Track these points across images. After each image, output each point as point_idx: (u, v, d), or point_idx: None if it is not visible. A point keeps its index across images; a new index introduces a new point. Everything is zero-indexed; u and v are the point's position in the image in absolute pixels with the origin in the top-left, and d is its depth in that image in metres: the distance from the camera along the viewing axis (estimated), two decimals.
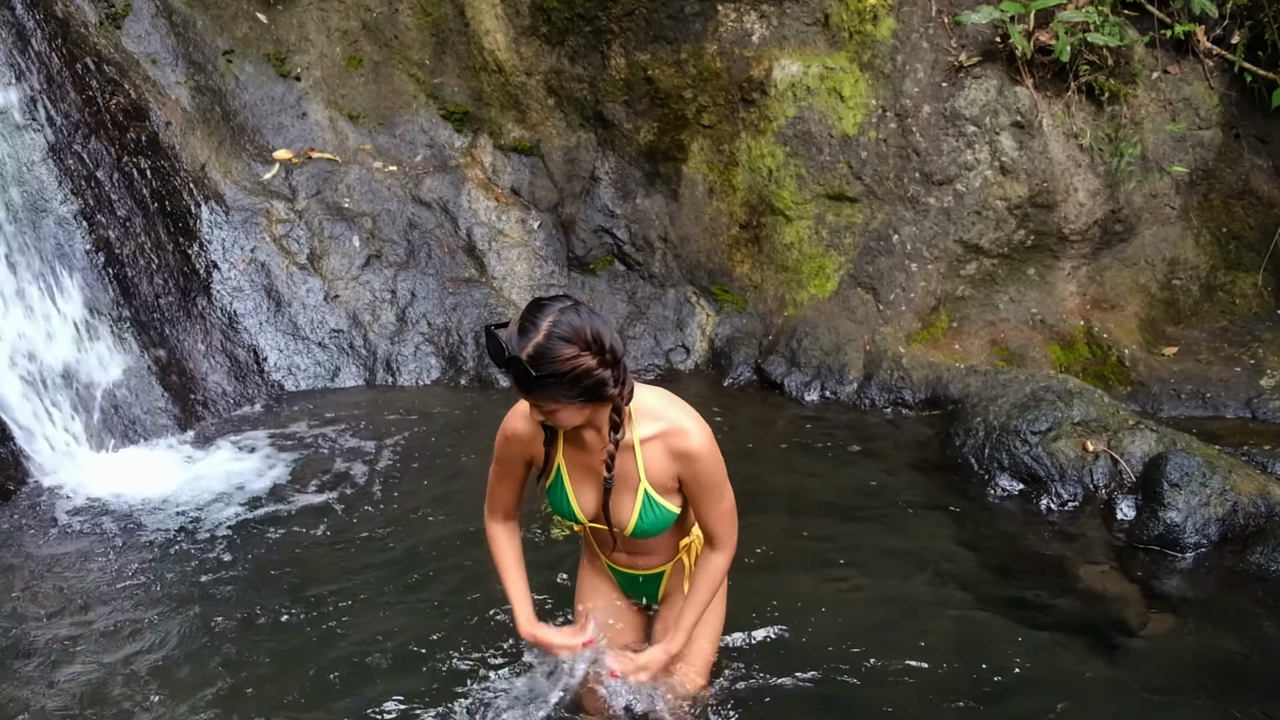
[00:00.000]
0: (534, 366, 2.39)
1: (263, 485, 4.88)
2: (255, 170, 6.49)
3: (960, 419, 5.10)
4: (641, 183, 6.60)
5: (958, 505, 4.66)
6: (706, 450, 2.65)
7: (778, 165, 6.27)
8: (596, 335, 2.43)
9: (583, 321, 2.42)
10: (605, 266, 6.63)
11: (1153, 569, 4.19)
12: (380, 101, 6.87)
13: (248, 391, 5.90)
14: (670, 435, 2.64)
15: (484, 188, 6.78)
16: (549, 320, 2.40)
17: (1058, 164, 6.04)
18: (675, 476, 2.68)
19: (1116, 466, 4.62)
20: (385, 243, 6.51)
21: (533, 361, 2.39)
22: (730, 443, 5.37)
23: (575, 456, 2.71)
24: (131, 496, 4.74)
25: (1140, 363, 5.84)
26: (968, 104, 6.04)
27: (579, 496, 2.74)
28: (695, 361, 6.36)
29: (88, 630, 3.73)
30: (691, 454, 2.63)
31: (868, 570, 4.10)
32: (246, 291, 6.15)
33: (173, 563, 4.20)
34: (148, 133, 6.15)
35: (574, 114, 6.72)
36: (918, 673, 3.45)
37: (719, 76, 6.36)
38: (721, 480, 2.72)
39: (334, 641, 3.59)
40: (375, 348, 6.24)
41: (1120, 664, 3.57)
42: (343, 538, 4.39)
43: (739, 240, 6.44)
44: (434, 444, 5.32)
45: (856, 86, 6.20)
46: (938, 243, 6.11)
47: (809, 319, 6.12)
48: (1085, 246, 6.17)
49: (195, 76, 6.52)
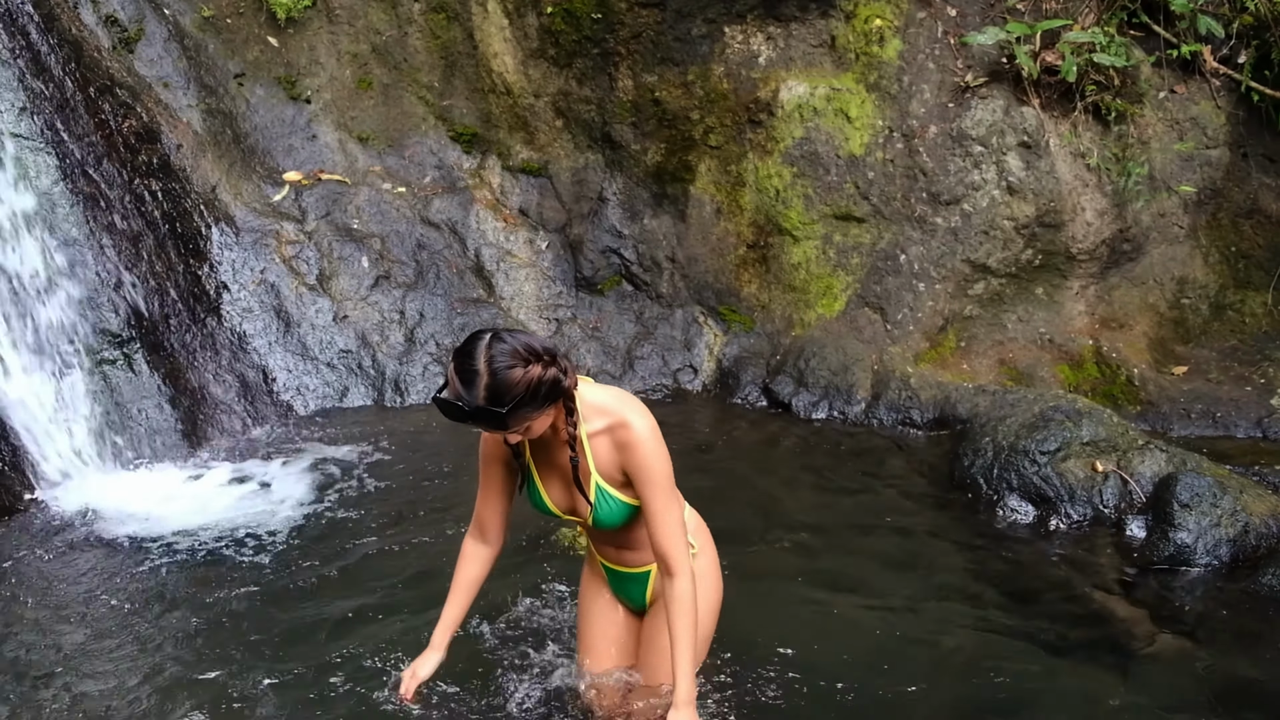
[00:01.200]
0: (497, 405, 2.49)
1: (270, 506, 4.88)
2: (265, 192, 6.54)
3: (969, 439, 5.09)
4: (649, 203, 6.62)
5: (966, 525, 4.65)
6: (648, 440, 2.72)
7: (785, 185, 6.29)
8: (528, 346, 2.54)
9: (510, 342, 2.53)
10: (613, 287, 6.65)
11: (1163, 590, 4.16)
12: (389, 123, 6.93)
13: (257, 412, 5.92)
14: (616, 428, 2.72)
15: (492, 209, 6.81)
16: (483, 359, 2.49)
17: (1065, 184, 6.05)
18: (620, 469, 2.75)
19: (1126, 487, 4.60)
20: (394, 263, 6.54)
21: (493, 401, 2.49)
22: (736, 463, 5.39)
23: (540, 455, 2.82)
24: (137, 516, 4.75)
25: (1150, 382, 5.82)
26: (974, 124, 6.05)
27: (549, 491, 2.85)
28: (703, 381, 6.36)
29: (87, 648, 3.73)
30: (632, 443, 2.70)
31: (875, 591, 4.08)
32: (256, 312, 6.18)
33: (177, 583, 4.20)
34: (159, 155, 6.20)
35: (582, 135, 6.76)
36: (926, 694, 3.42)
37: (726, 98, 6.39)
38: (665, 480, 2.75)
39: (337, 664, 3.58)
40: (384, 368, 6.26)
41: (1130, 685, 3.54)
42: (350, 558, 4.39)
43: (746, 260, 6.45)
44: (442, 464, 5.33)
45: (863, 107, 6.22)
46: (945, 262, 6.11)
47: (817, 339, 6.12)
48: (1093, 266, 6.17)
49: (207, 99, 6.58)
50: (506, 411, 2.49)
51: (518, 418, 2.54)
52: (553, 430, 2.72)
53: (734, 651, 3.44)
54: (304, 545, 4.50)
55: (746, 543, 4.44)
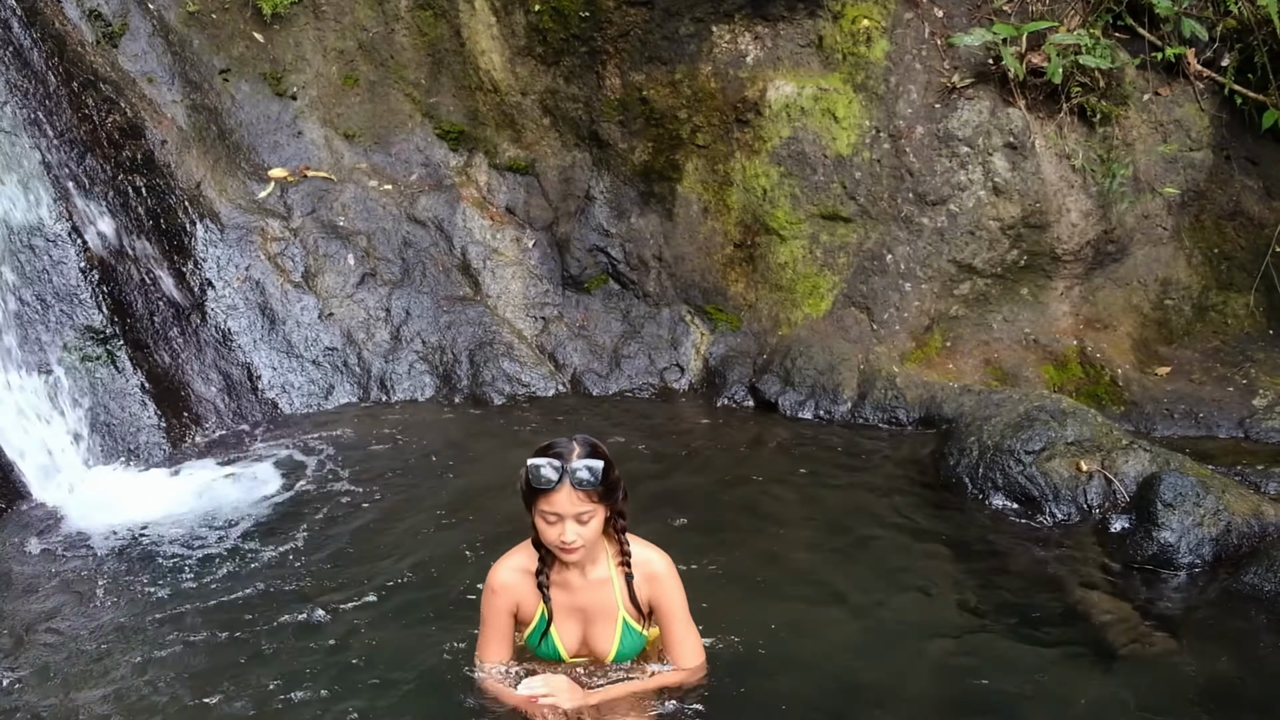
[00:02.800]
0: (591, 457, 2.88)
1: (255, 503, 4.86)
2: (250, 188, 6.50)
3: (954, 438, 5.11)
4: (636, 202, 6.62)
5: (951, 525, 4.66)
6: (673, 573, 3.09)
7: (772, 185, 6.30)
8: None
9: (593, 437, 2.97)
10: (600, 285, 6.64)
11: (1146, 589, 4.18)
12: (376, 120, 6.90)
13: (241, 410, 5.89)
14: (639, 564, 3.05)
15: (479, 206, 6.79)
16: (575, 440, 2.93)
17: (1050, 184, 6.08)
18: (647, 601, 3.07)
19: (1110, 486, 4.62)
20: (380, 261, 6.52)
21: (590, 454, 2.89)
22: (723, 462, 5.39)
23: (561, 600, 3.07)
24: (121, 516, 4.71)
25: (1133, 382, 5.86)
26: (961, 125, 6.08)
27: (563, 636, 3.09)
28: (690, 380, 6.36)
29: (70, 650, 3.69)
30: (660, 575, 3.06)
31: (860, 590, 4.08)
32: (241, 310, 6.15)
33: (161, 582, 4.16)
34: (143, 151, 6.16)
35: (569, 133, 6.75)
36: (910, 692, 3.43)
37: (714, 97, 6.39)
38: (685, 605, 3.11)
39: (322, 660, 3.56)
40: (369, 366, 6.23)
41: (1113, 684, 3.55)
42: (336, 555, 4.37)
43: (733, 259, 6.46)
44: (428, 461, 5.31)
45: (850, 107, 6.23)
46: (931, 262, 6.13)
47: (803, 338, 6.13)
48: (1078, 266, 6.20)
49: (191, 95, 6.54)
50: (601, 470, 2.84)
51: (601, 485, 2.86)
52: (578, 573, 3.03)
53: (718, 649, 3.44)
54: (288, 541, 4.47)
55: (731, 542, 4.44)
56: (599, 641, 3.09)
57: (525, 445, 5.56)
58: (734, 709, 3.20)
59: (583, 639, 3.10)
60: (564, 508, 2.86)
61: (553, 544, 2.93)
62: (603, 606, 3.06)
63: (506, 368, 6.26)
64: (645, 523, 4.46)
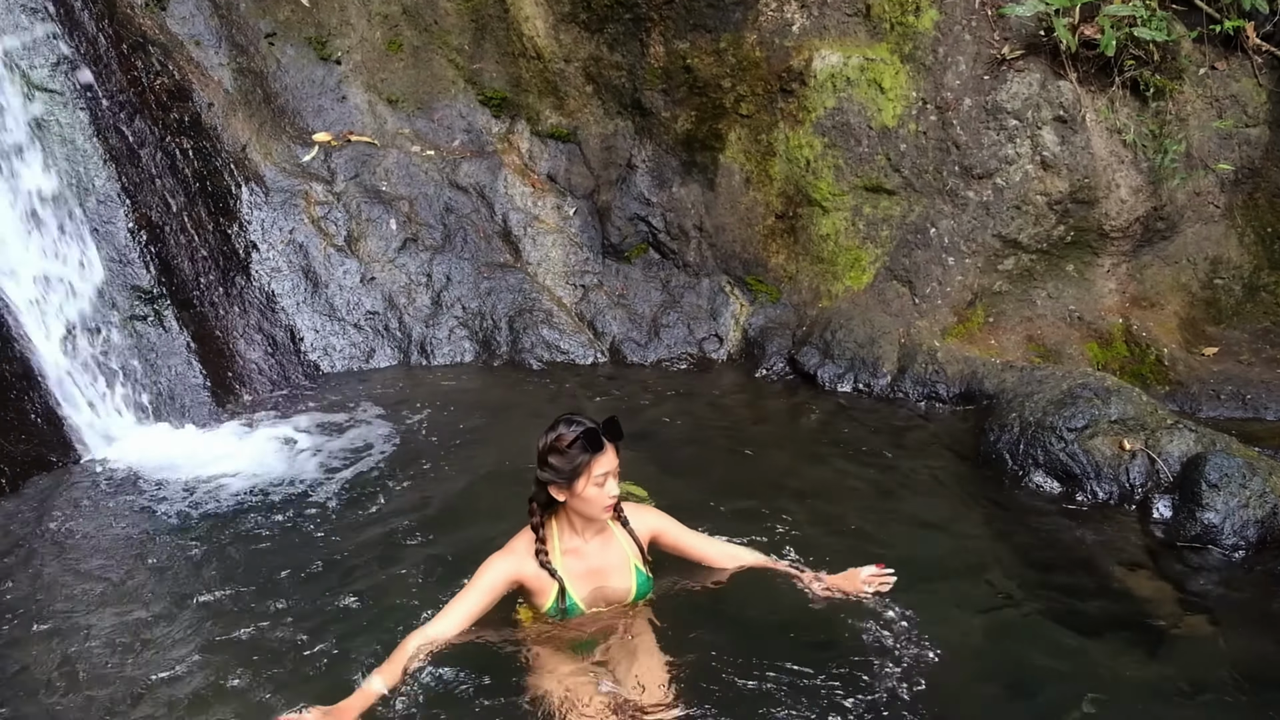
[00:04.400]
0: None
1: (296, 462, 4.93)
2: (295, 152, 6.55)
3: (995, 414, 5.06)
4: (678, 171, 6.59)
5: (990, 501, 4.63)
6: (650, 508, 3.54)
7: (815, 156, 6.24)
8: None
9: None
10: (640, 254, 6.64)
11: (1188, 570, 4.14)
12: (419, 86, 6.91)
13: (284, 371, 5.96)
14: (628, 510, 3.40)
15: (520, 173, 6.79)
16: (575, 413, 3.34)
17: (1100, 160, 5.97)
18: (648, 539, 3.41)
19: (1154, 466, 4.57)
20: (422, 226, 6.55)
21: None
22: (761, 433, 5.39)
23: (575, 568, 3.28)
24: (167, 470, 4.81)
25: (1180, 362, 5.77)
26: (1009, 97, 5.98)
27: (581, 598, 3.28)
28: (728, 351, 6.35)
29: (112, 597, 3.79)
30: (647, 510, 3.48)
31: (896, 563, 4.04)
32: (285, 272, 6.21)
33: (204, 535, 4.25)
34: (190, 113, 6.22)
35: (612, 101, 6.72)
36: (947, 666, 3.42)
37: (758, 66, 6.33)
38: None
39: (360, 615, 3.62)
40: (410, 330, 6.28)
41: (1153, 663, 3.53)
42: (372, 515, 4.43)
43: (774, 231, 6.42)
44: (467, 426, 5.36)
45: (897, 78, 6.15)
46: (976, 237, 6.06)
47: (843, 311, 6.10)
48: (1126, 244, 6.10)
49: (238, 58, 6.58)
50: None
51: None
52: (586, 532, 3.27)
53: (754, 622, 3.46)
54: (328, 500, 4.54)
55: (766, 513, 4.44)
56: (615, 592, 3.31)
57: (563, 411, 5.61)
58: (766, 681, 3.22)
59: (601, 595, 3.31)
60: (610, 463, 3.17)
61: (600, 506, 3.20)
62: (615, 559, 3.32)
63: (546, 335, 6.29)
64: (680, 491, 4.50)
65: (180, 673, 3.34)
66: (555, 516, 3.30)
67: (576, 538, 3.29)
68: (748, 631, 3.43)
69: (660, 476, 4.70)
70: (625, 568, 3.33)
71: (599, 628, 3.30)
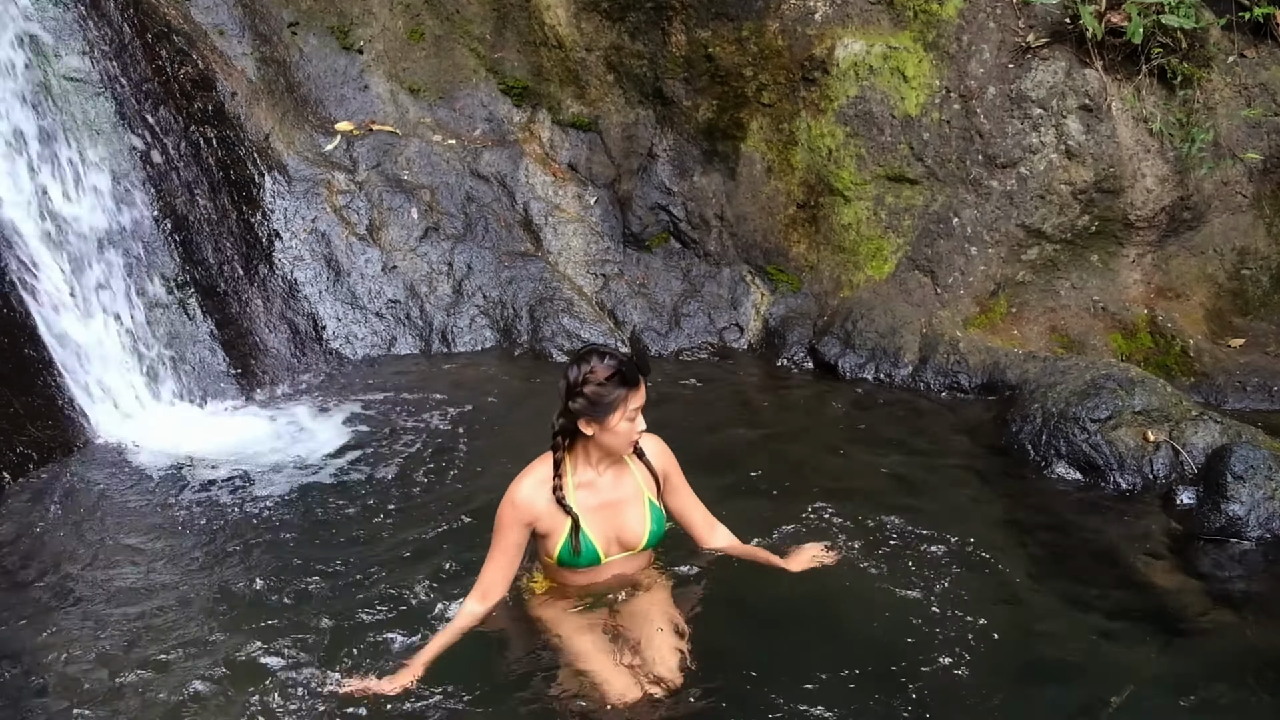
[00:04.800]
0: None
1: (317, 449, 4.97)
2: (317, 141, 6.58)
3: (1017, 405, 5.04)
4: (699, 160, 6.58)
5: (1012, 492, 4.61)
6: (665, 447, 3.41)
7: (837, 145, 6.21)
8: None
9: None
10: (661, 244, 6.63)
11: (1212, 562, 4.11)
12: (441, 75, 6.92)
13: (306, 358, 6.00)
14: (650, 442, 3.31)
15: (542, 163, 6.80)
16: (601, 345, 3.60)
17: (1126, 149, 5.91)
18: (662, 472, 3.33)
19: (1178, 457, 4.53)
20: (443, 215, 6.57)
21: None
22: (782, 423, 5.38)
23: (588, 502, 3.19)
24: (189, 456, 4.86)
25: (1205, 353, 5.71)
26: (1034, 86, 5.92)
27: (596, 537, 3.20)
28: (749, 340, 6.34)
29: (131, 582, 3.83)
30: (661, 445, 3.36)
31: (918, 553, 4.05)
32: (307, 261, 6.25)
33: (225, 518, 4.30)
34: (214, 102, 6.26)
35: (633, 90, 6.71)
36: (967, 656, 3.41)
37: (780, 54, 6.30)
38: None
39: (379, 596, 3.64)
40: (431, 319, 6.31)
41: (1176, 655, 3.51)
42: (392, 502, 4.46)
43: (796, 220, 6.40)
44: (488, 414, 5.38)
45: (920, 66, 6.11)
46: (999, 226, 6.01)
47: (865, 300, 6.07)
48: (1151, 234, 6.04)
49: (261, 48, 6.61)
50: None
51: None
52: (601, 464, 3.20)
53: (771, 609, 3.46)
54: (347, 487, 4.58)
55: (787, 501, 4.44)
56: (630, 530, 3.24)
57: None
58: (782, 667, 3.22)
59: (615, 534, 3.23)
60: (642, 398, 3.13)
61: (628, 440, 3.16)
62: (629, 492, 3.24)
63: (566, 324, 6.29)
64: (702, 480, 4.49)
65: (203, 648, 3.37)
66: (571, 450, 3.20)
67: (590, 470, 3.21)
68: (757, 614, 3.44)
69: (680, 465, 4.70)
70: (640, 501, 3.26)
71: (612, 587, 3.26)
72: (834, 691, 3.15)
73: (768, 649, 3.30)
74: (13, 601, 3.71)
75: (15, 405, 4.71)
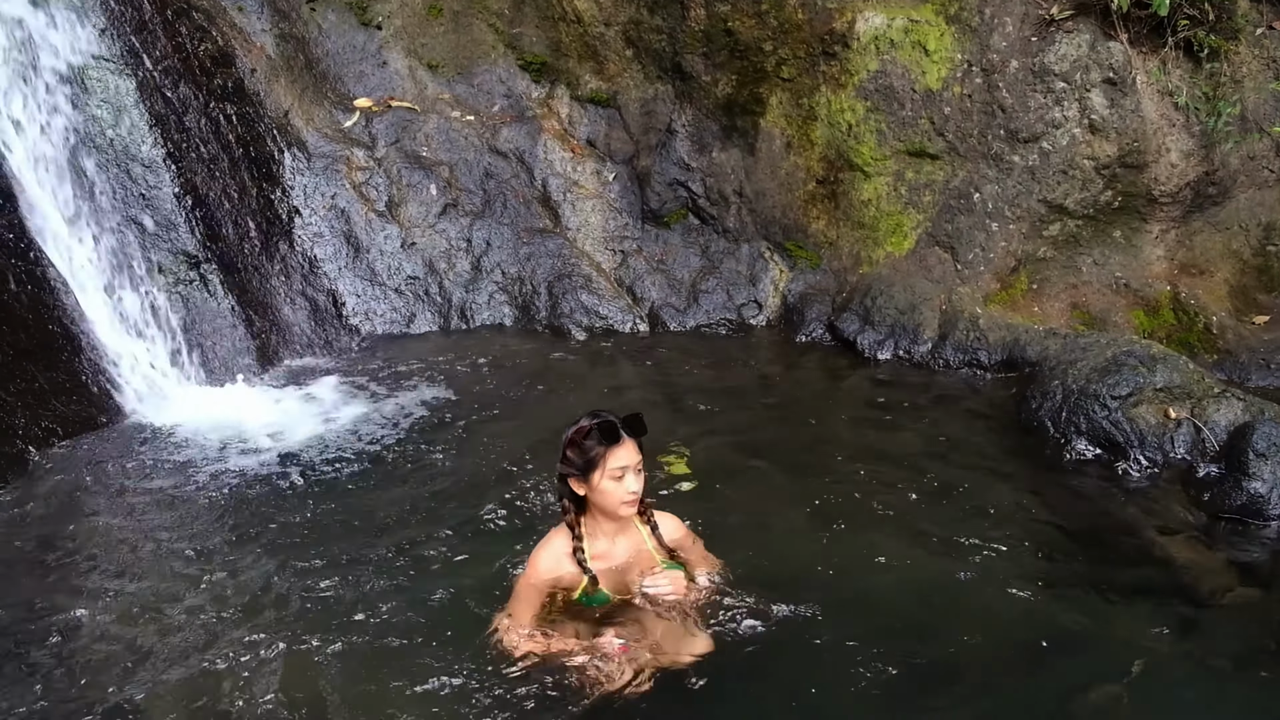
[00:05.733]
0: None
1: (338, 423, 5.00)
2: (336, 118, 6.58)
3: (1037, 381, 5.00)
4: (718, 136, 6.54)
5: (1032, 468, 4.59)
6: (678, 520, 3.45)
7: (858, 120, 6.16)
8: None
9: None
10: (679, 220, 6.61)
11: (1234, 539, 4.08)
12: (459, 51, 6.90)
13: (326, 334, 6.03)
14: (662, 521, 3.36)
15: (560, 138, 6.78)
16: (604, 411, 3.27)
17: (1150, 123, 5.84)
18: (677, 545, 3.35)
19: (1199, 435, 4.50)
20: (462, 192, 6.57)
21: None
22: (800, 399, 5.37)
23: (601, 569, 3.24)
24: (212, 430, 4.90)
25: (1229, 330, 5.66)
26: (1058, 59, 5.85)
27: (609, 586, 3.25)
28: (767, 317, 6.32)
29: (160, 552, 3.88)
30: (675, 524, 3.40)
31: (936, 530, 4.06)
32: (326, 237, 6.27)
33: (247, 495, 4.33)
34: (234, 79, 6.27)
35: (652, 66, 6.67)
36: (984, 631, 3.42)
37: (800, 29, 6.25)
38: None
39: (400, 571, 3.67)
40: (450, 295, 6.32)
41: (1196, 633, 3.49)
42: (417, 474, 4.49)
43: (815, 196, 6.36)
44: (507, 389, 5.40)
45: (942, 40, 6.04)
46: (1020, 202, 5.96)
47: (884, 277, 6.04)
48: (1175, 209, 5.97)
49: (280, 24, 6.61)
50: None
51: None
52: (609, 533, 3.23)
53: (787, 584, 3.46)
54: (369, 462, 4.60)
55: (807, 478, 4.44)
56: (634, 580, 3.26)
57: (602, 377, 5.66)
58: (800, 640, 3.23)
59: (627, 585, 3.26)
60: (628, 458, 3.11)
61: (620, 500, 3.14)
62: (636, 554, 3.28)
63: (585, 300, 6.30)
64: (720, 458, 4.51)
65: (229, 623, 3.41)
66: (586, 513, 3.26)
67: (604, 540, 3.25)
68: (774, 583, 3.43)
69: (699, 442, 4.71)
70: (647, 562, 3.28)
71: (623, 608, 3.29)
72: (850, 663, 3.16)
73: (783, 617, 3.30)
74: (35, 573, 3.76)
75: (40, 380, 4.76)
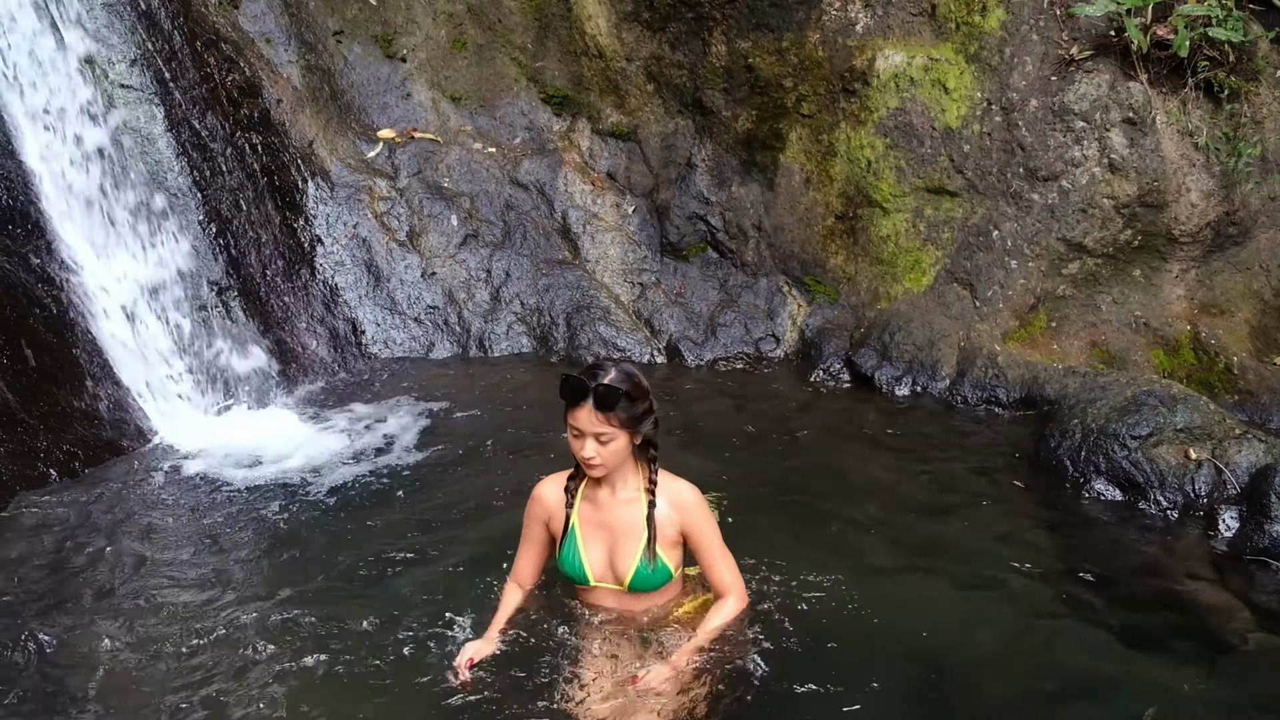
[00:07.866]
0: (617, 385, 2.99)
1: (356, 449, 5.03)
2: (360, 148, 6.66)
3: (1056, 420, 4.99)
4: (738, 170, 6.58)
5: (1050, 507, 4.56)
6: (700, 503, 3.21)
7: (877, 156, 6.20)
8: (645, 381, 3.10)
9: (635, 370, 3.12)
10: (698, 253, 6.64)
11: (1254, 583, 4.03)
12: (482, 84, 6.99)
13: (346, 361, 6.08)
14: (667, 494, 3.17)
15: (580, 171, 6.84)
16: (614, 363, 3.11)
17: (1170, 163, 5.85)
18: (679, 531, 3.18)
19: (1220, 476, 4.47)
20: (482, 223, 6.62)
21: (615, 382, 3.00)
22: (817, 434, 5.37)
23: (589, 515, 3.19)
24: (232, 455, 4.94)
25: (1250, 371, 5.63)
26: (1077, 99, 5.88)
27: (588, 554, 3.19)
28: (785, 351, 6.33)
29: (180, 576, 3.90)
30: (687, 504, 3.17)
31: (953, 568, 4.04)
32: (348, 266, 6.33)
33: (268, 517, 4.36)
34: (260, 109, 6.36)
35: (672, 100, 6.73)
36: (1002, 673, 3.39)
37: (821, 66, 6.30)
38: (718, 534, 3.25)
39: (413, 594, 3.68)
40: (469, 325, 6.36)
41: (1216, 678, 3.45)
42: (433, 500, 4.51)
43: (834, 231, 6.39)
44: (524, 420, 5.41)
45: (961, 78, 6.08)
46: (1039, 240, 5.97)
47: (903, 313, 6.04)
48: (1195, 249, 5.96)
49: (306, 56, 6.72)
50: (621, 395, 2.97)
51: (621, 410, 2.98)
52: (611, 494, 3.15)
53: (804, 621, 3.45)
54: (384, 490, 4.62)
55: (822, 514, 4.43)
56: (621, 562, 3.17)
57: None
58: (818, 679, 3.21)
59: (607, 560, 3.19)
60: (585, 425, 3.01)
61: (577, 457, 3.09)
62: (628, 525, 3.16)
63: (603, 331, 6.32)
64: (735, 489, 4.50)
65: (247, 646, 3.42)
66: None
67: (601, 487, 3.16)
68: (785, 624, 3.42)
69: (714, 474, 4.71)
70: (635, 539, 3.13)
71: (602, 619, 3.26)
72: (867, 704, 3.14)
73: (798, 659, 3.28)
74: (57, 596, 3.78)
75: (63, 404, 4.80)
